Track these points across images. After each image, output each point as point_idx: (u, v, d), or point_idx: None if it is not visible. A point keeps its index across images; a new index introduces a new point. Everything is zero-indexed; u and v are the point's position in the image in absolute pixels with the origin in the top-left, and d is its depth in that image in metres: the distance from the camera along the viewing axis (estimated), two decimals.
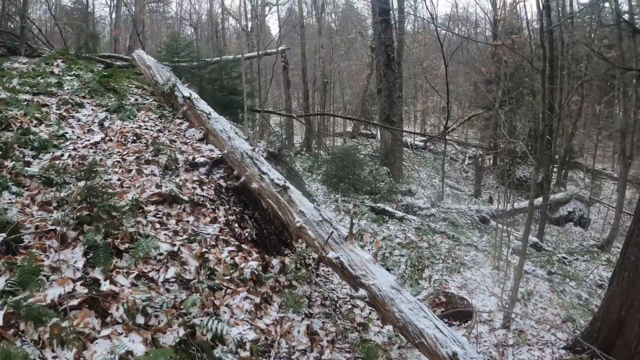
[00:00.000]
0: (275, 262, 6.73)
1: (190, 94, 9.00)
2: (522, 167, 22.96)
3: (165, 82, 9.53)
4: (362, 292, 5.60)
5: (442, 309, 8.30)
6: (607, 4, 20.00)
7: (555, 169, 22.81)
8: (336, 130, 27.85)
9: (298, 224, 6.30)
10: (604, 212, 22.47)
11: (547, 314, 9.30)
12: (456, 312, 8.18)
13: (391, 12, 18.17)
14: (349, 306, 7.15)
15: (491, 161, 25.59)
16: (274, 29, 42.59)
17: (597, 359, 6.91)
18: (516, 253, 12.47)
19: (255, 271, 5.98)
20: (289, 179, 9.64)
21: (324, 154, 18.13)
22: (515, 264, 10.94)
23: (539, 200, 16.20)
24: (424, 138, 27.30)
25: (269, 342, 5.27)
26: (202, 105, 8.77)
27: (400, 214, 12.69)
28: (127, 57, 13.22)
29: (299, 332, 5.78)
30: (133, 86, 10.23)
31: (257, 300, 5.67)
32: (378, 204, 13.00)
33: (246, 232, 6.89)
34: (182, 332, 4.34)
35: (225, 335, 4.61)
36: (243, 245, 6.47)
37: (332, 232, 6.08)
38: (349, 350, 5.99)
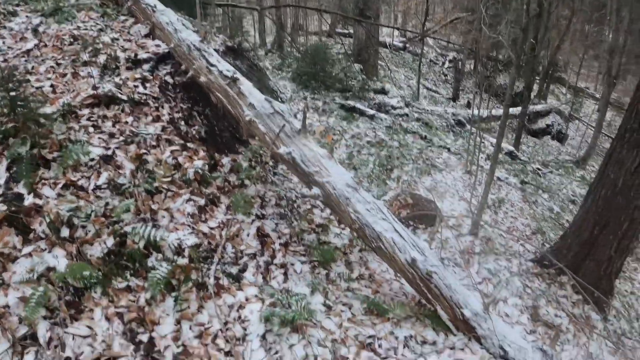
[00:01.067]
0: (225, 160, 6.23)
1: None
2: (504, 74, 22.30)
3: None
4: (315, 190, 5.17)
5: (408, 211, 7.78)
6: None
7: (537, 80, 22.56)
8: (312, 30, 26.66)
9: (247, 118, 5.71)
10: (583, 129, 22.66)
11: (517, 224, 9.03)
12: (422, 215, 7.70)
13: None
14: (308, 206, 6.68)
15: (472, 66, 24.88)
16: None
17: (565, 275, 6.92)
18: (490, 159, 12.03)
19: (200, 171, 5.52)
20: (250, 74, 9.13)
21: (296, 52, 17.07)
22: (487, 170, 10.49)
23: (518, 109, 16.05)
24: (404, 39, 26.24)
25: (212, 246, 4.82)
26: None
27: (371, 112, 12.00)
28: None
29: (248, 235, 5.32)
30: None
31: (202, 202, 5.24)
32: (349, 102, 12.23)
33: (194, 130, 6.38)
34: (111, 242, 4.06)
35: (161, 241, 4.29)
36: (189, 144, 5.97)
37: (284, 126, 5.50)
38: (304, 253, 5.59)
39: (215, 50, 8.07)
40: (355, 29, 17.04)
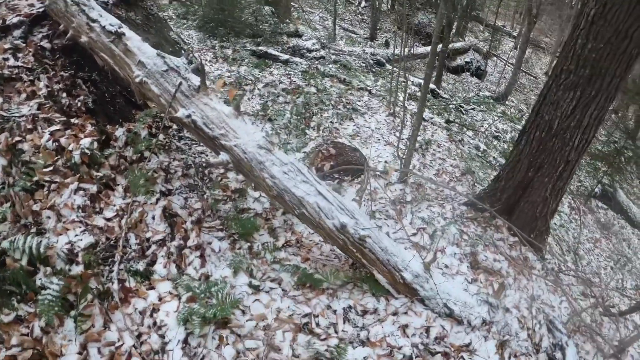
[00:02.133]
0: (120, 132, 5.31)
1: None
2: (421, 12, 21.84)
3: None
4: (223, 156, 4.49)
5: (332, 163, 7.12)
6: None
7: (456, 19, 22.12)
8: None
9: (137, 79, 4.89)
10: (501, 66, 22.86)
11: (446, 165, 8.59)
12: (347, 167, 7.01)
13: None
14: (221, 170, 5.94)
15: (389, 4, 24.30)
16: None
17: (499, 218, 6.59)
18: (413, 99, 11.48)
19: (87, 151, 4.65)
20: (147, 26, 8.11)
21: None
22: (412, 111, 9.92)
23: (437, 47, 15.33)
24: None
25: (112, 242, 4.06)
26: None
27: (285, 57, 11.13)
28: None
29: (153, 219, 4.58)
30: None
31: (94, 189, 4.46)
32: (260, 48, 11.31)
33: (78, 101, 5.43)
34: None
35: (47, 251, 3.56)
36: (73, 120, 5.08)
37: (180, 84, 4.74)
38: (221, 227, 4.92)
39: (104, 2, 7.08)
40: None
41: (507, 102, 18.19)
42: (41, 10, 5.90)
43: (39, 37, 5.74)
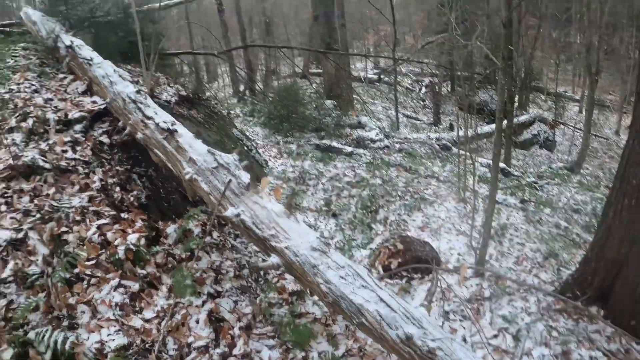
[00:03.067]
0: (171, 229, 5.02)
1: (71, 41, 7.41)
2: (481, 91, 21.43)
3: (49, 34, 7.99)
4: (273, 259, 4.04)
5: (400, 260, 6.55)
6: None
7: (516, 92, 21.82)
8: (285, 72, 25.81)
9: (188, 176, 4.68)
10: (569, 133, 21.63)
11: (525, 251, 7.76)
12: (415, 266, 6.43)
13: None
14: (279, 271, 5.40)
15: (449, 88, 24.00)
16: None
17: (594, 304, 5.68)
18: (483, 181, 10.81)
19: (133, 247, 4.35)
20: (209, 123, 8.28)
21: (271, 96, 16.01)
22: (483, 195, 9.26)
23: (503, 123, 14.74)
24: (378, 70, 25.33)
25: (147, 344, 3.60)
26: (85, 51, 7.12)
27: (349, 149, 10.86)
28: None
29: (197, 322, 4.08)
30: (19, 48, 8.62)
31: (136, 287, 4.09)
32: (324, 141, 11.08)
33: (131, 195, 5.34)
34: (9, 354, 3.09)
35: (76, 347, 3.21)
36: (124, 215, 4.89)
37: (230, 181, 4.45)
38: (273, 334, 4.35)
39: (166, 101, 7.61)
40: (324, 64, 16.08)
41: (581, 171, 16.96)
42: (102, 107, 6.05)
43: (99, 132, 5.83)
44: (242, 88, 20.32)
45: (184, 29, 22.85)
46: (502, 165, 12.82)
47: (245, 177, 4.48)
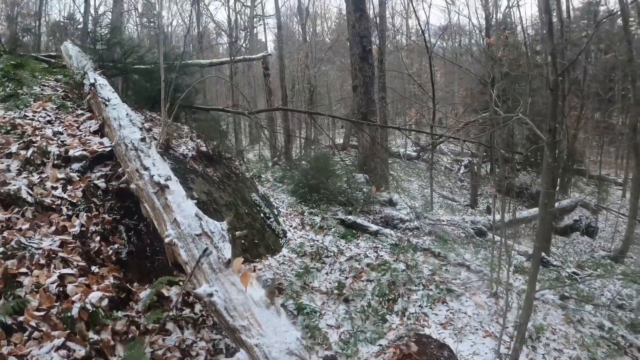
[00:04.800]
0: (145, 293, 4.40)
1: (95, 79, 7.34)
2: (522, 173, 20.38)
3: (79, 69, 8.09)
4: (240, 355, 3.25)
5: None
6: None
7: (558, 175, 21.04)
8: (326, 143, 25.49)
9: (168, 239, 4.06)
10: (612, 219, 20.28)
11: (563, 359, 6.40)
12: None
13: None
14: None
15: (488, 169, 22.97)
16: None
17: None
18: (520, 272, 9.49)
19: (91, 307, 3.85)
20: (224, 184, 7.83)
21: (304, 164, 15.27)
22: (519, 288, 7.99)
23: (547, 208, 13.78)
24: (418, 147, 24.51)
25: None
26: (106, 91, 6.95)
27: (374, 227, 9.80)
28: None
29: None
30: (52, 79, 8.70)
31: (81, 352, 3.51)
32: (349, 217, 10.06)
33: (111, 248, 4.84)
34: None
35: None
36: (95, 268, 4.45)
37: (210, 253, 3.73)
38: None
39: (182, 154, 7.28)
40: (359, 136, 15.30)
41: (625, 260, 15.52)
42: (107, 149, 5.81)
43: (97, 175, 5.57)
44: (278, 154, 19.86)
45: (230, 89, 22.85)
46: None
47: (228, 251, 3.74)
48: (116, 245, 4.92)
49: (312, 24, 30.90)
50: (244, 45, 24.20)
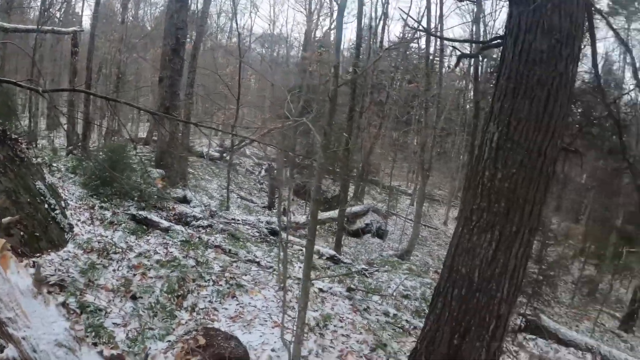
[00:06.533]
0: None
1: None
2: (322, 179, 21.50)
3: None
4: (10, 351, 2.91)
5: (199, 358, 5.20)
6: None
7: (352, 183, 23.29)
8: (124, 136, 24.16)
9: None
10: (401, 223, 22.48)
11: (350, 343, 6.84)
12: None
13: None
14: None
15: (288, 173, 23.98)
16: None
17: None
18: (313, 269, 9.90)
19: None
20: (7, 168, 7.09)
21: (102, 154, 14.11)
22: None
23: (335, 212, 15.59)
24: (221, 148, 24.48)
25: None
26: None
27: (166, 224, 9.53)
28: None
29: None
30: None
31: None
32: (141, 212, 9.66)
33: None
34: None
35: None
36: None
37: None
38: None
39: None
40: (159, 130, 14.74)
41: (411, 258, 17.41)
42: None
43: None
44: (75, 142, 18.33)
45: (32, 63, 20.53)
46: (331, 252, 12.18)
47: None
48: None
49: (134, 6, 29.53)
50: (56, 14, 21.92)
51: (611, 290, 20.18)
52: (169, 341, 5.84)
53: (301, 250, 8.17)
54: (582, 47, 4.73)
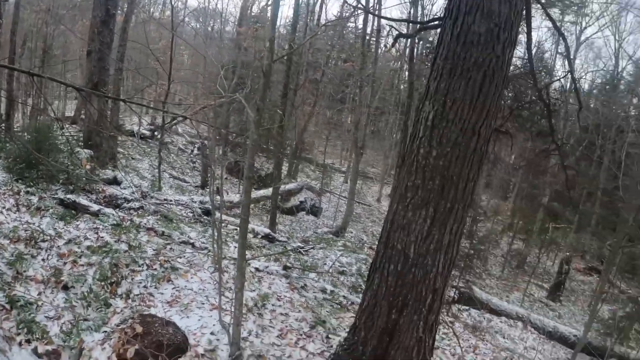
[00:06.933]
0: None
1: None
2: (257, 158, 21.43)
3: None
4: None
5: (137, 346, 5.09)
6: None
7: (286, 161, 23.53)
8: (51, 114, 22.88)
9: None
10: (335, 200, 22.83)
11: (290, 321, 6.89)
12: (157, 346, 5.04)
13: None
14: None
15: (221, 151, 23.68)
16: None
17: None
18: (246, 249, 9.83)
19: None
20: None
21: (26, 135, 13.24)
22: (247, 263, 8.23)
23: (269, 190, 15.62)
24: (152, 127, 23.76)
25: None
26: None
27: (95, 207, 9.12)
28: None
29: None
30: None
31: None
32: (69, 196, 9.22)
33: None
34: None
35: None
36: None
37: None
38: None
39: None
40: (86, 107, 14.09)
41: (346, 234, 17.71)
42: None
43: None
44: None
45: None
46: (266, 230, 12.15)
47: None
48: None
49: None
50: None
51: (539, 262, 21.37)
52: (105, 332, 5.64)
53: (236, 229, 8.05)
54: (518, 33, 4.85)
